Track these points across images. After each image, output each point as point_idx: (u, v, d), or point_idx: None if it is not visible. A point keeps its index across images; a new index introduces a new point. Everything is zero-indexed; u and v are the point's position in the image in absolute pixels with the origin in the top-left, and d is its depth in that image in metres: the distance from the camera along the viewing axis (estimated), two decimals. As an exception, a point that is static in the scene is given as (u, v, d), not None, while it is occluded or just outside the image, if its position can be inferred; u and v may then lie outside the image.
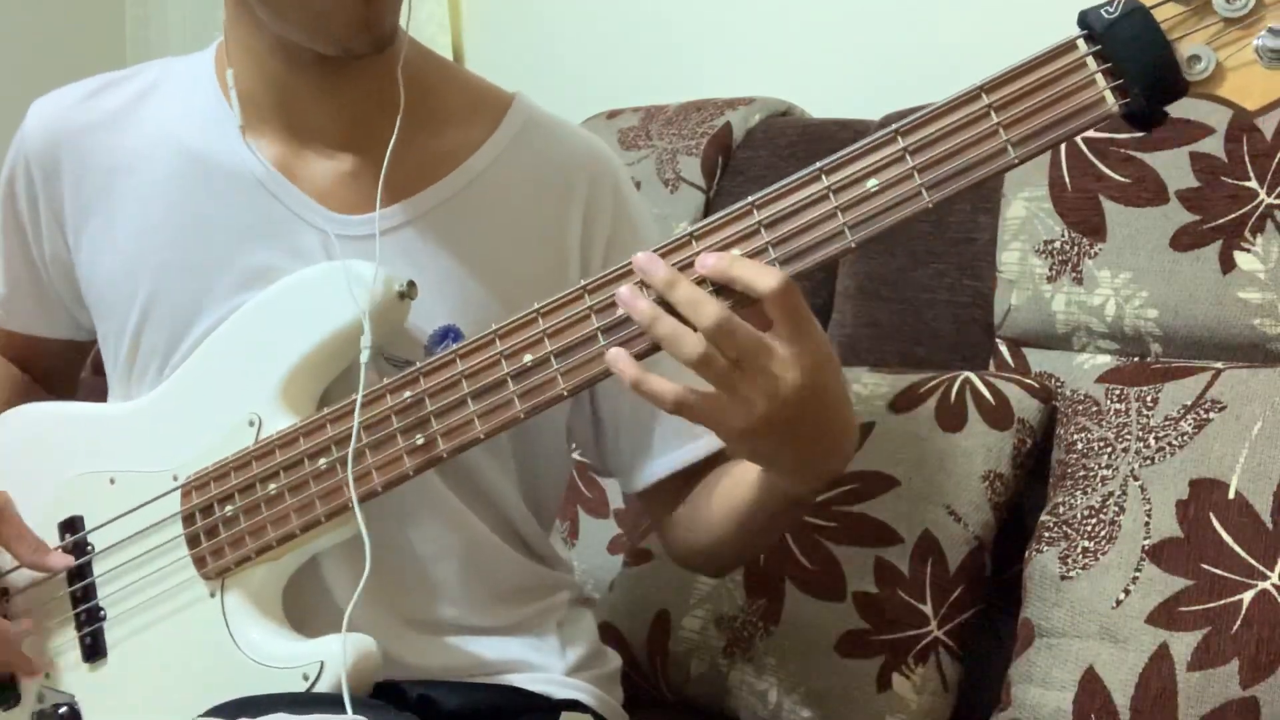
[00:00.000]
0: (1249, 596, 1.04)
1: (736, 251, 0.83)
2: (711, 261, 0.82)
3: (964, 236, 1.38)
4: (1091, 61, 0.78)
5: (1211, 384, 1.14)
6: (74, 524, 1.04)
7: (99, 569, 1.03)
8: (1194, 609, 1.06)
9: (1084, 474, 1.16)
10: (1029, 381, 1.25)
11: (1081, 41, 0.79)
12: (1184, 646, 1.05)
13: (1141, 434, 1.14)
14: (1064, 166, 1.29)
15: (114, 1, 2.73)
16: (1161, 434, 1.13)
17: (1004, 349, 1.34)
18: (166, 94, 1.08)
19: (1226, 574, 1.06)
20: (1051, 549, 1.15)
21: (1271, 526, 1.06)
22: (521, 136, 1.07)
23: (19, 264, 1.14)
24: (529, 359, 0.88)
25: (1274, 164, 1.18)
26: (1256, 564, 1.05)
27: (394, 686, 0.99)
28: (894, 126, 0.81)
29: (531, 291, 0.90)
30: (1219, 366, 1.15)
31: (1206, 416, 1.12)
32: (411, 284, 0.97)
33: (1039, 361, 1.31)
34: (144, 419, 1.05)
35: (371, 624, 0.95)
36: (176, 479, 1.00)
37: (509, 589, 1.08)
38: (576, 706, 1.07)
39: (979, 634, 1.22)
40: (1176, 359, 1.21)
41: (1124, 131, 1.25)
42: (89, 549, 1.03)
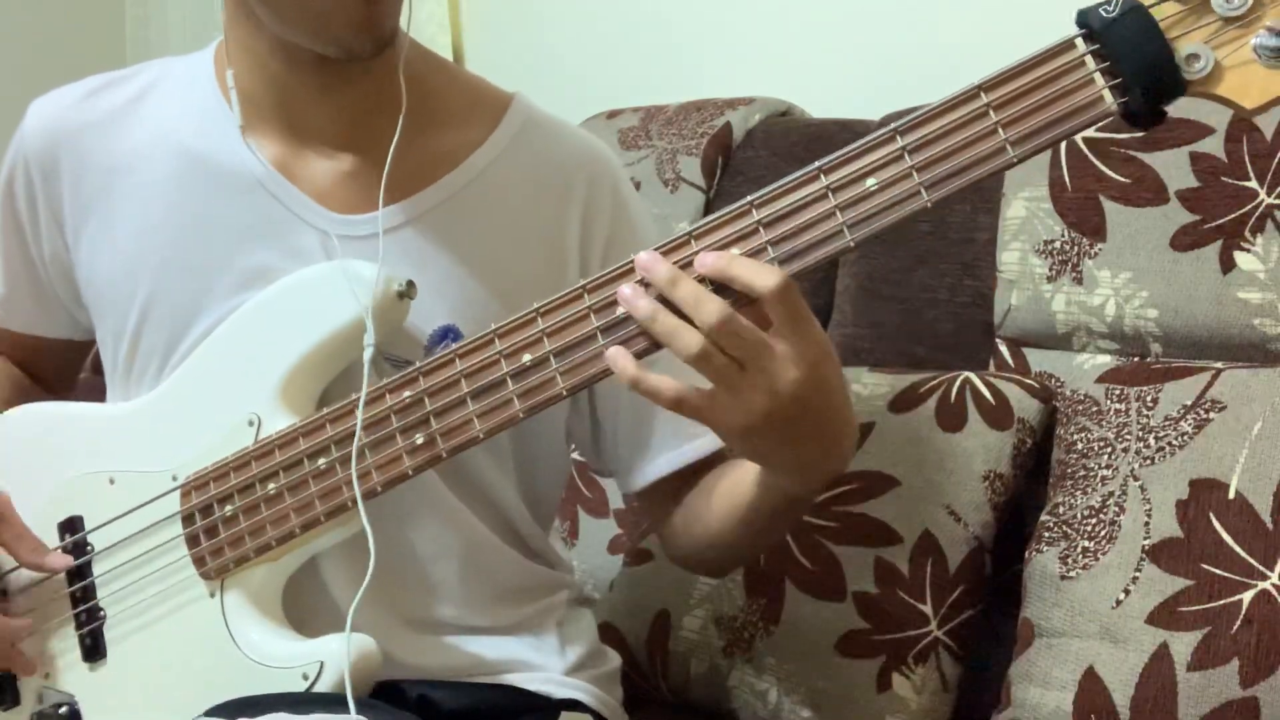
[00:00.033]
0: (1249, 596, 1.04)
1: (735, 251, 0.83)
2: (710, 260, 0.82)
3: (964, 236, 1.38)
4: (1090, 60, 0.78)
5: (1211, 384, 1.13)
6: (73, 524, 1.04)
7: (99, 569, 1.03)
8: (1194, 609, 1.06)
9: (1084, 474, 1.16)
10: (1029, 381, 1.25)
11: (1080, 40, 0.79)
12: (1184, 646, 1.05)
13: (1141, 434, 1.14)
14: (1064, 166, 1.29)
15: (114, 1, 2.73)
16: (1161, 434, 1.13)
17: (1004, 349, 1.34)
18: (166, 94, 1.08)
19: (1226, 574, 1.06)
20: (1051, 549, 1.15)
21: (1271, 526, 1.05)
22: (521, 137, 1.07)
23: (18, 264, 1.14)
24: (528, 359, 0.88)
25: (1274, 164, 1.18)
26: (1256, 564, 1.05)
27: (393, 686, 0.99)
28: (892, 126, 0.81)
29: (530, 291, 0.90)
30: (1219, 366, 1.15)
31: (1206, 416, 1.12)
32: (411, 284, 0.97)
33: (1039, 361, 1.31)
34: (143, 419, 1.05)
35: (371, 624, 0.95)
36: (176, 479, 1.00)
37: (508, 589, 1.08)
38: (576, 706, 1.07)
39: (979, 634, 1.21)
40: (1176, 359, 1.21)
41: (1124, 131, 1.25)
42: (89, 549, 1.03)
